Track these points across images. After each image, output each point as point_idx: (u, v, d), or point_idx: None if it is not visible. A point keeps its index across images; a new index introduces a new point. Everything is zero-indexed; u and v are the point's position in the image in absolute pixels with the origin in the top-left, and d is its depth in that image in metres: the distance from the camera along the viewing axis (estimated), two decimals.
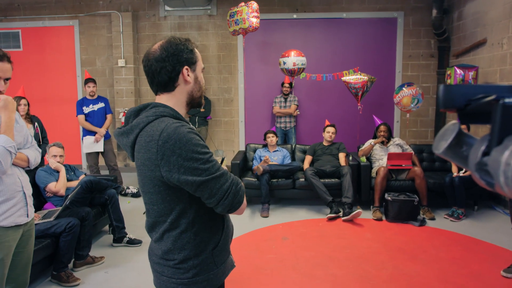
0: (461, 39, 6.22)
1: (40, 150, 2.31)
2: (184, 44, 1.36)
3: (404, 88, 5.54)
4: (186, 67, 1.36)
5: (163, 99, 1.38)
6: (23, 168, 2.17)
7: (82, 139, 5.70)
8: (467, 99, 0.55)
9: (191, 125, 1.34)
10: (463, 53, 6.13)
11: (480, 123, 0.56)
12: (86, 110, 5.58)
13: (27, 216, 2.15)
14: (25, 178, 2.18)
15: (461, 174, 4.77)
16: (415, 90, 5.46)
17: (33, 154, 2.21)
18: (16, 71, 7.29)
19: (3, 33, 7.32)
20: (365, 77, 5.65)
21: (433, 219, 4.63)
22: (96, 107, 5.62)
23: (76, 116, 5.62)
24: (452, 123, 0.56)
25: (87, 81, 5.61)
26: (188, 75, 1.36)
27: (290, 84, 6.48)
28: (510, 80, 4.94)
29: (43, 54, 7.35)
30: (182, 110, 1.39)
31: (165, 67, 1.33)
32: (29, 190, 2.19)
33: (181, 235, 1.34)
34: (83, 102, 5.62)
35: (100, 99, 5.72)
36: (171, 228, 1.35)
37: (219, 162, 1.34)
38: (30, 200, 2.19)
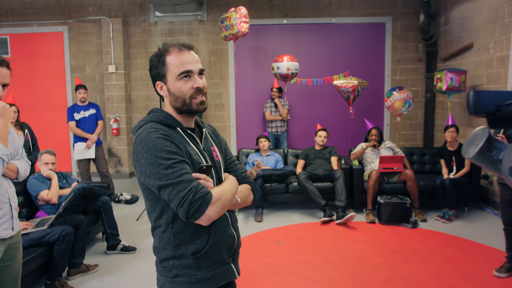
0: (448, 44, 6.34)
1: (30, 163, 2.26)
2: (152, 61, 1.44)
3: (395, 92, 5.63)
4: (157, 82, 1.44)
5: (165, 105, 1.48)
6: (11, 179, 2.12)
7: (73, 145, 5.64)
8: (497, 104, 0.56)
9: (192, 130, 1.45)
10: (451, 57, 6.24)
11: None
12: (77, 116, 5.53)
13: (12, 230, 2.06)
14: (12, 190, 2.11)
15: (451, 176, 4.85)
16: (406, 94, 5.55)
17: (23, 166, 2.16)
18: None
19: None
20: (355, 81, 5.71)
21: (425, 221, 4.69)
22: (87, 113, 5.58)
23: (67, 122, 5.56)
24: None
25: (78, 87, 5.57)
26: (162, 89, 1.43)
27: (279, 89, 6.50)
28: (496, 84, 5.04)
29: (32, 60, 7.28)
30: (181, 119, 1.45)
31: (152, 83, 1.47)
32: (15, 203, 2.11)
33: (162, 235, 1.41)
34: (74, 108, 5.57)
35: (91, 105, 5.68)
36: (155, 227, 1.44)
37: (198, 171, 1.35)
38: (16, 213, 2.11)
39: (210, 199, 1.29)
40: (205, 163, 1.43)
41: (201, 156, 1.44)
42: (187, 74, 1.38)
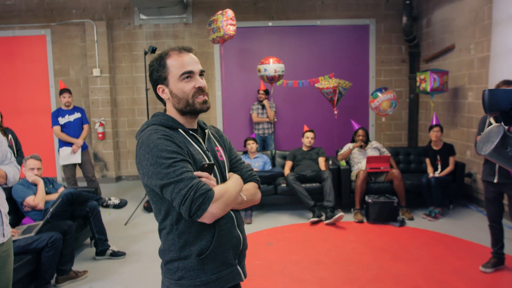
0: (430, 45, 6.47)
1: (19, 167, 2.23)
2: (152, 65, 1.45)
3: (379, 93, 5.71)
4: (158, 86, 1.45)
5: (167, 108, 1.50)
6: (0, 185, 2.09)
7: (58, 150, 5.55)
8: None
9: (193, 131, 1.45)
10: (433, 59, 6.37)
11: None
12: (62, 121, 5.45)
13: (3, 236, 2.04)
14: (2, 196, 2.09)
15: (436, 174, 4.95)
16: (392, 95, 5.64)
17: (12, 171, 2.14)
18: None
19: None
20: (335, 82, 5.78)
21: (412, 219, 4.77)
22: (72, 117, 5.51)
23: (52, 127, 5.48)
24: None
25: (62, 91, 5.49)
26: (163, 92, 1.45)
27: (266, 91, 6.53)
28: (478, 84, 5.17)
29: (15, 64, 7.14)
30: (184, 120, 1.46)
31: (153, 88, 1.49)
32: (5, 209, 2.09)
33: (167, 236, 1.42)
34: (59, 112, 5.49)
35: (76, 109, 5.60)
36: (161, 228, 1.45)
37: (199, 169, 1.36)
38: (6, 219, 2.09)
39: (212, 196, 1.30)
40: (226, 165, 1.46)
41: (204, 156, 1.44)
42: (188, 74, 1.40)
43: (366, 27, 7.05)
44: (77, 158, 5.47)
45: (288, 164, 5.48)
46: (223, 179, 1.49)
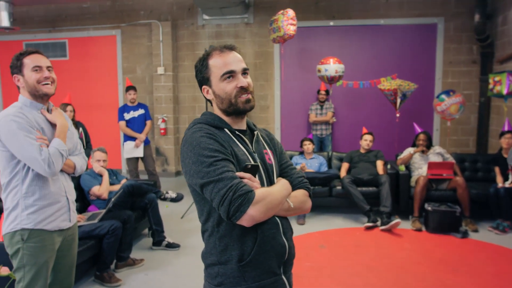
0: (506, 45, 6.00)
1: (87, 159, 2.36)
2: (196, 66, 1.44)
3: (447, 96, 5.40)
4: (203, 87, 1.44)
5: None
6: (68, 174, 2.23)
7: (123, 144, 5.88)
8: None
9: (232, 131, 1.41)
10: (509, 59, 5.90)
11: None
12: (127, 116, 5.77)
13: (70, 221, 2.19)
14: (69, 184, 2.22)
15: (506, 185, 4.58)
16: (461, 98, 5.32)
17: (80, 162, 2.26)
18: (62, 79, 7.65)
19: (52, 43, 7.72)
20: (395, 85, 5.55)
21: (476, 231, 4.46)
22: (136, 113, 5.80)
23: (118, 122, 5.82)
24: None
25: (128, 88, 5.81)
26: (208, 93, 1.44)
27: (327, 91, 6.46)
28: None
29: (88, 62, 7.68)
30: (230, 120, 1.43)
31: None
32: (72, 196, 2.23)
33: (209, 239, 1.38)
34: (124, 108, 5.81)
35: (140, 105, 5.90)
36: (204, 230, 1.42)
37: (242, 170, 1.31)
38: (73, 206, 2.23)
39: (253, 198, 1.23)
40: (274, 169, 1.40)
41: (249, 157, 1.39)
42: (230, 74, 1.37)
43: (434, 26, 6.70)
44: (139, 152, 5.76)
45: (345, 166, 5.36)
46: (270, 183, 1.42)
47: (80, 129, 4.88)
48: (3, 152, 2.00)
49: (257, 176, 1.36)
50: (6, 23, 6.40)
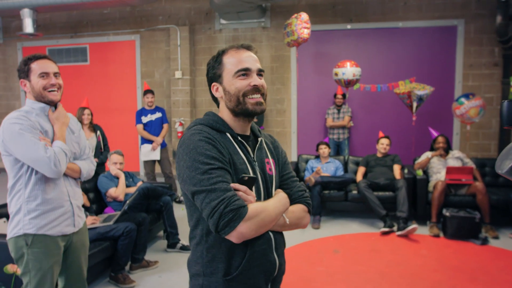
0: None
1: (95, 164, 2.34)
2: (209, 63, 1.39)
3: (466, 100, 5.28)
4: (213, 84, 1.38)
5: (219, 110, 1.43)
6: (74, 178, 2.19)
7: (140, 147, 5.97)
8: None
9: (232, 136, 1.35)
10: None
11: None
12: (145, 119, 5.85)
13: (74, 226, 2.15)
14: (74, 189, 2.18)
15: None
16: (481, 101, 5.20)
17: (87, 167, 2.22)
18: (83, 83, 7.85)
19: (73, 48, 7.91)
20: (409, 88, 5.46)
21: (496, 238, 4.34)
22: (154, 117, 5.88)
23: (135, 125, 5.91)
24: None
25: (146, 92, 5.90)
26: (217, 90, 1.37)
27: (343, 95, 6.42)
28: None
29: (107, 67, 7.84)
30: (235, 124, 1.37)
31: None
32: (77, 201, 2.19)
33: (196, 247, 1.32)
34: (142, 112, 5.90)
35: (157, 109, 5.98)
36: (192, 237, 1.35)
37: (238, 181, 1.25)
38: (79, 211, 2.19)
39: (244, 214, 1.17)
40: (249, 174, 1.29)
41: (249, 166, 1.32)
42: (245, 72, 1.31)
43: (454, 28, 6.57)
44: (156, 155, 5.84)
45: (361, 170, 5.30)
46: (268, 196, 1.35)
47: (98, 132, 4.98)
48: (6, 157, 1.99)
49: (254, 187, 1.30)
50: (30, 29, 6.60)
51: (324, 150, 5.41)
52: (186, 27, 7.30)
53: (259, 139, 1.42)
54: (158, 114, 5.94)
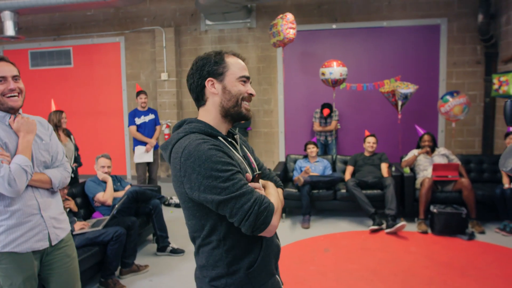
0: (510, 44, 5.96)
1: (70, 170, 2.17)
2: (208, 58, 1.37)
3: (451, 97, 5.37)
4: (209, 79, 1.36)
5: (201, 114, 1.41)
6: (47, 189, 2.02)
7: (133, 149, 5.90)
8: None
9: (229, 140, 1.39)
10: None
11: None
12: (138, 121, 5.79)
13: (49, 240, 1.97)
14: (46, 201, 1.99)
15: None
16: (465, 99, 5.28)
17: (59, 175, 2.04)
18: (67, 86, 7.72)
19: (56, 51, 7.78)
20: (393, 86, 5.54)
21: (483, 233, 4.42)
22: (147, 118, 5.83)
23: (128, 126, 5.85)
24: None
25: (139, 93, 5.84)
26: (213, 86, 1.36)
27: (329, 107, 6.33)
28: None
29: (92, 69, 7.73)
30: (221, 126, 1.39)
31: (193, 83, 1.39)
32: (50, 212, 2.00)
33: (213, 252, 1.33)
34: (135, 113, 5.83)
35: (150, 110, 5.93)
36: (203, 244, 1.36)
37: (251, 179, 1.31)
38: (56, 222, 2.01)
39: (273, 208, 1.26)
40: (257, 171, 1.40)
41: (245, 163, 1.39)
42: (245, 79, 1.39)
43: (437, 27, 6.67)
44: (149, 157, 5.80)
45: (349, 169, 5.34)
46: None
47: (72, 136, 4.84)
48: None
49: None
50: (11, 32, 6.47)
51: (312, 149, 5.43)
52: (171, 28, 7.25)
53: (236, 137, 1.47)
54: (151, 116, 5.89)
